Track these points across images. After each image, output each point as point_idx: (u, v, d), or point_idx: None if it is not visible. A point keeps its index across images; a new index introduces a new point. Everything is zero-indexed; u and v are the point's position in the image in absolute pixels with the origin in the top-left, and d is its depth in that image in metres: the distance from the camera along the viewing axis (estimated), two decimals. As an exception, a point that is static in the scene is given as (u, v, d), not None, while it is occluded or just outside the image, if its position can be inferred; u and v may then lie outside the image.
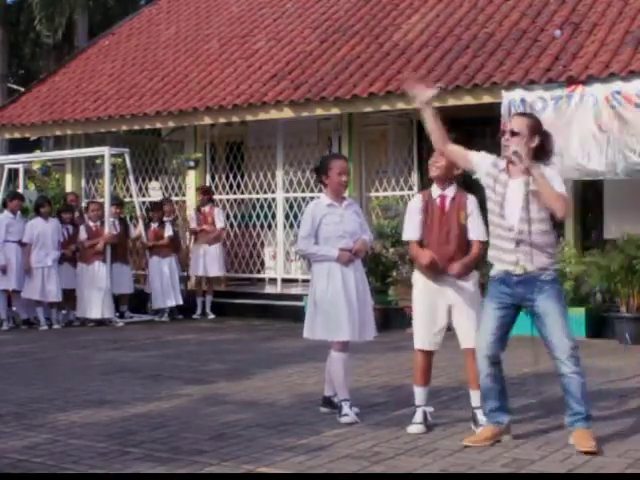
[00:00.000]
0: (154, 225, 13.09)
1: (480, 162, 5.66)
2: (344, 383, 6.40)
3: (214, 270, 13.01)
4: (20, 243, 12.34)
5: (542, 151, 5.53)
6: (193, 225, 13.18)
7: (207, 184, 14.09)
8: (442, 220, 5.98)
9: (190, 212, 13.65)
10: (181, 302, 12.96)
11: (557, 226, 5.74)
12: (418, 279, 6.09)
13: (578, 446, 5.37)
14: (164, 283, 12.86)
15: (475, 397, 5.96)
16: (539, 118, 5.78)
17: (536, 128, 5.51)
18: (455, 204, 5.98)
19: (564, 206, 5.43)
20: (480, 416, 5.88)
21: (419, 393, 6.09)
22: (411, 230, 6.05)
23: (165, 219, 13.08)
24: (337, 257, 6.36)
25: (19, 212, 12.70)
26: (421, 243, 6.02)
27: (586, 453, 5.28)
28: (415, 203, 6.09)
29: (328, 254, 6.39)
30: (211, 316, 12.94)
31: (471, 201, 6.00)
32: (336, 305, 6.34)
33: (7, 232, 12.35)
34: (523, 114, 5.80)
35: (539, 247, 5.47)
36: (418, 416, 6.04)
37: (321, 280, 6.42)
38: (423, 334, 6.02)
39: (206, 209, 13.17)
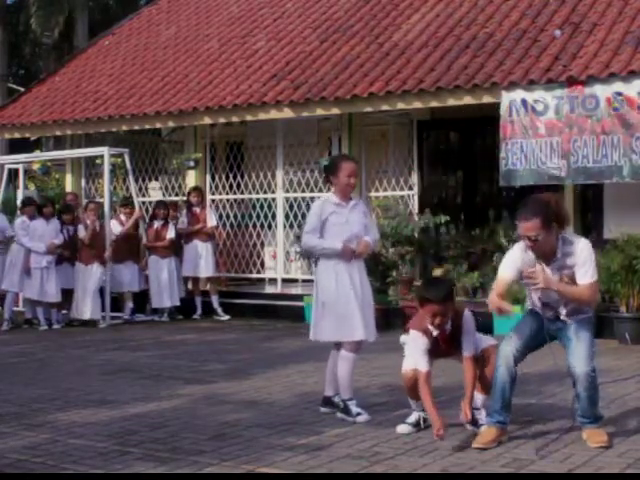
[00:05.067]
0: (157, 224, 13.08)
1: (517, 268, 5.56)
2: (350, 383, 6.40)
3: (203, 271, 12.99)
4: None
5: (561, 226, 5.49)
6: (182, 225, 13.13)
7: (207, 184, 14.10)
8: (447, 346, 5.87)
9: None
10: (178, 303, 12.96)
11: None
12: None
13: (590, 442, 5.50)
14: (162, 283, 12.87)
15: (478, 399, 5.95)
16: (543, 201, 5.48)
17: (549, 219, 5.37)
18: (455, 329, 5.85)
19: (591, 298, 5.53)
20: (481, 416, 5.88)
21: (413, 403, 6.09)
22: (421, 365, 5.79)
23: (170, 220, 13.08)
24: (341, 249, 6.35)
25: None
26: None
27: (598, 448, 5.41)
28: (416, 343, 5.84)
29: (332, 246, 6.37)
30: (225, 317, 12.80)
31: (467, 319, 5.85)
32: (349, 305, 6.34)
33: (23, 234, 12.32)
34: (530, 213, 5.37)
35: (575, 310, 5.60)
36: (412, 417, 6.05)
37: (328, 280, 6.40)
38: (418, 357, 5.85)
39: (197, 209, 13.16)
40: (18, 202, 13.48)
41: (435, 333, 5.82)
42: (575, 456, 5.29)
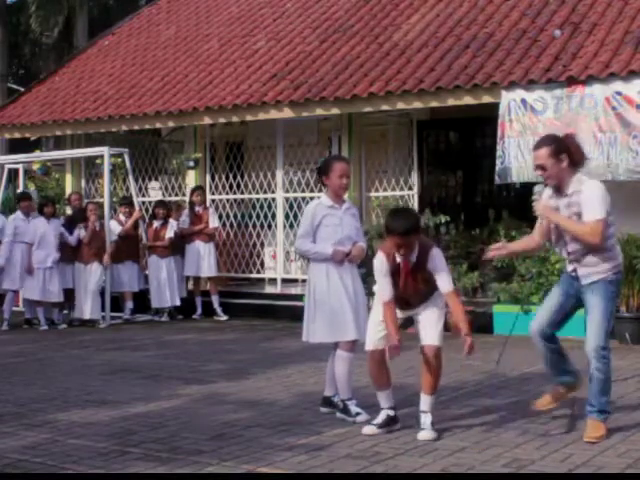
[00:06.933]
0: (156, 223, 13.08)
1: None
2: (348, 383, 6.41)
3: (205, 271, 12.99)
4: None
5: (573, 161, 5.63)
6: (184, 225, 13.12)
7: (207, 184, 14.09)
8: (409, 278, 5.86)
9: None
10: (178, 303, 12.96)
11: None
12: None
13: (585, 436, 5.56)
14: (161, 283, 12.86)
15: (425, 402, 5.91)
16: (556, 135, 5.86)
17: (558, 150, 5.57)
18: (419, 263, 5.85)
19: (592, 237, 5.50)
20: (424, 419, 5.86)
21: (380, 396, 6.08)
22: (384, 292, 5.88)
23: (171, 220, 13.07)
24: (331, 253, 6.37)
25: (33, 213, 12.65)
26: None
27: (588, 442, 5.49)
28: (380, 265, 5.90)
29: (322, 251, 6.41)
30: (223, 317, 12.78)
31: (434, 256, 5.85)
32: (341, 305, 6.36)
33: (16, 233, 12.33)
34: (541, 143, 5.69)
35: (591, 263, 5.63)
36: (379, 418, 6.02)
37: (320, 280, 6.43)
38: (371, 335, 5.99)
39: (200, 209, 13.15)
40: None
41: (399, 259, 5.86)
42: (575, 456, 5.30)
